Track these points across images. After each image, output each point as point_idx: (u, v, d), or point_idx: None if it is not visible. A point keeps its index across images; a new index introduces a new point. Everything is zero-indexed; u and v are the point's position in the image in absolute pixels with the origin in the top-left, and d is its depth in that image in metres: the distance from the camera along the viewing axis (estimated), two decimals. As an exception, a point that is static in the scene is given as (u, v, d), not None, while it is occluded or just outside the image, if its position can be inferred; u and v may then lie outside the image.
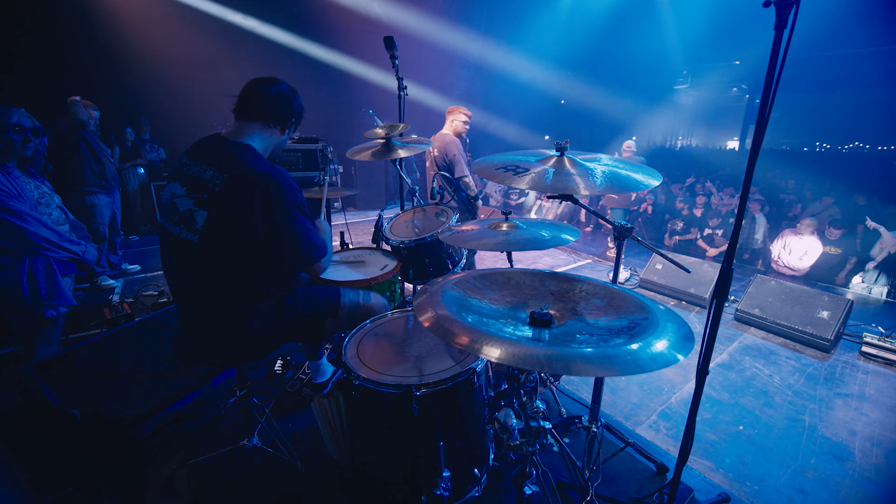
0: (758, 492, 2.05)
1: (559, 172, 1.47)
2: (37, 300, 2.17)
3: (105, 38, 6.49)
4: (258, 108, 1.56)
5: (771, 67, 1.08)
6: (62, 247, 2.22)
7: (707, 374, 1.37)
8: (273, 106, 1.57)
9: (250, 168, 1.41)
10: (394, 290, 2.28)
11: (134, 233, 6.46)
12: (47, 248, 2.15)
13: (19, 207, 2.07)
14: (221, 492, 1.88)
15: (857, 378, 3.10)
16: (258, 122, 1.57)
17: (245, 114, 1.57)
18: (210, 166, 1.43)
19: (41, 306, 2.20)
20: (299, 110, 1.68)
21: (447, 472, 1.41)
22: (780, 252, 5.48)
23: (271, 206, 1.40)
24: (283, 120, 1.62)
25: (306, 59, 8.58)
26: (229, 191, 1.38)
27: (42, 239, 2.13)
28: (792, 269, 5.37)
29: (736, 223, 1.25)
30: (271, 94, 1.57)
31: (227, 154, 1.45)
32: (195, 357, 1.63)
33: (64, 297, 2.29)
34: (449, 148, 3.60)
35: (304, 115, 1.72)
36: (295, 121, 1.68)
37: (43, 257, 2.18)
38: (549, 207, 8.33)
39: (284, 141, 1.71)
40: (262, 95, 1.56)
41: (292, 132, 1.72)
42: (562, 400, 2.55)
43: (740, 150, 13.96)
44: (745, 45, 10.99)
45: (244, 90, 1.59)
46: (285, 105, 1.60)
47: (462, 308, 1.14)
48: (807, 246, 5.28)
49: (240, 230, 1.39)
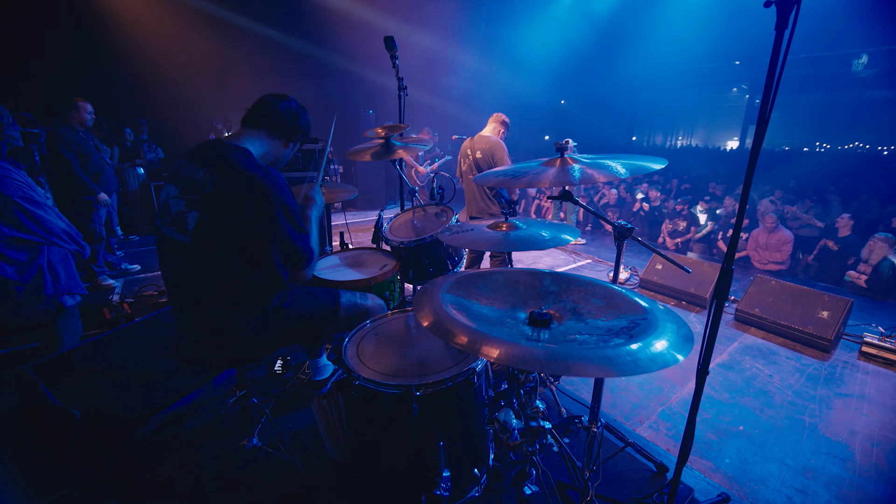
0: (758, 492, 2.05)
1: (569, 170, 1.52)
2: (58, 289, 2.26)
3: (104, 38, 6.50)
4: (263, 117, 1.59)
5: (771, 67, 1.08)
6: (75, 240, 2.33)
7: (707, 374, 1.37)
8: (279, 118, 1.60)
9: (241, 168, 1.40)
10: (393, 289, 2.28)
11: (134, 233, 6.46)
12: (65, 241, 2.26)
13: (39, 198, 2.14)
14: (221, 492, 1.88)
15: (857, 378, 3.10)
16: (262, 130, 1.59)
17: (250, 121, 1.60)
18: (202, 167, 1.44)
19: (62, 294, 2.29)
20: (305, 127, 1.70)
21: (447, 472, 1.41)
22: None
23: (259, 207, 1.38)
24: (287, 133, 1.64)
25: (306, 60, 8.58)
26: (218, 191, 1.38)
27: (62, 230, 2.23)
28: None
29: (736, 223, 1.25)
30: (280, 107, 1.61)
31: (221, 155, 1.45)
32: (194, 357, 1.63)
33: (80, 285, 2.42)
34: (496, 150, 3.56)
35: (310, 132, 1.75)
36: (300, 136, 1.70)
37: (60, 248, 2.28)
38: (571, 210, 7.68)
39: (287, 155, 1.73)
40: (270, 107, 1.60)
41: (296, 148, 1.74)
42: (562, 400, 2.55)
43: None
44: (746, 45, 11.01)
45: (255, 102, 1.63)
46: (292, 118, 1.63)
47: (462, 308, 1.14)
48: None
49: (229, 231, 1.38)
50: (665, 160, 1.54)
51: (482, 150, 3.59)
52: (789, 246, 5.49)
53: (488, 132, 3.72)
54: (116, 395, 2.09)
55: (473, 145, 3.65)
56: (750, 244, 5.80)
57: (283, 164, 1.75)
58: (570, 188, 1.73)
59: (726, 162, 10.77)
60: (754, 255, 5.75)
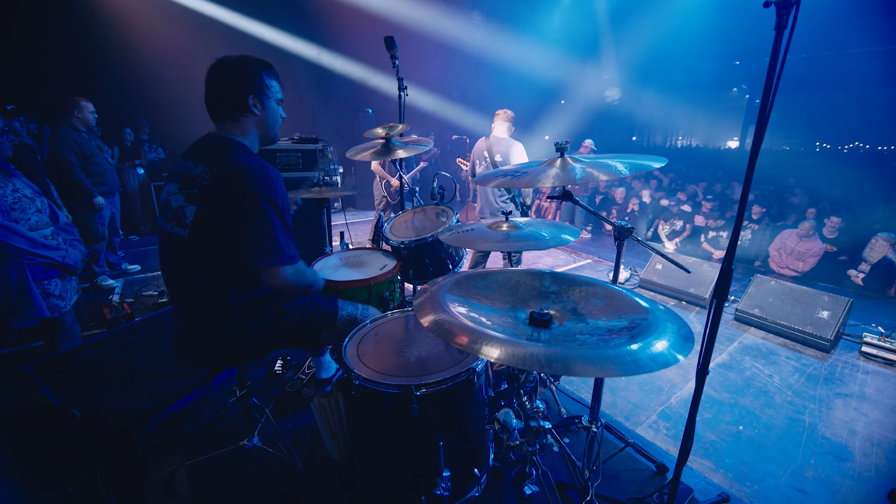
0: (758, 492, 2.05)
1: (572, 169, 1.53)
2: (8, 306, 2.09)
3: (104, 38, 6.49)
4: (214, 106, 1.50)
5: (771, 67, 1.08)
6: (35, 253, 2.12)
7: (707, 374, 1.37)
8: (225, 95, 1.48)
9: (235, 162, 1.40)
10: (393, 289, 2.28)
11: (134, 233, 6.46)
12: (18, 255, 2.07)
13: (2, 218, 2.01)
14: (221, 492, 1.88)
15: (857, 378, 3.10)
16: (226, 119, 1.51)
17: (213, 117, 1.53)
18: (200, 162, 1.45)
19: (12, 314, 2.11)
20: (260, 74, 1.50)
21: (447, 471, 1.41)
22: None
23: (246, 196, 1.36)
24: (241, 102, 1.48)
25: (307, 61, 8.58)
26: (215, 184, 1.39)
27: (8, 246, 2.03)
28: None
29: (736, 223, 1.25)
30: (218, 83, 1.49)
31: (218, 149, 1.46)
32: (194, 357, 1.63)
33: (36, 307, 2.18)
34: (517, 153, 3.50)
35: (267, 71, 1.54)
36: (263, 84, 1.51)
37: (16, 264, 2.09)
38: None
39: (270, 117, 1.58)
40: (209, 92, 1.49)
41: (274, 98, 1.57)
42: (562, 400, 2.55)
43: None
44: (746, 45, 11.00)
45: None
46: (231, 84, 1.48)
47: (462, 308, 1.14)
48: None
49: (224, 224, 1.39)
50: (665, 159, 1.54)
51: (502, 153, 3.52)
52: (815, 260, 5.10)
53: (503, 133, 3.64)
54: (116, 395, 2.09)
55: (490, 147, 3.59)
56: (776, 243, 5.42)
57: (276, 126, 1.62)
58: (570, 188, 1.73)
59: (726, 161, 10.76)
60: (774, 256, 5.41)
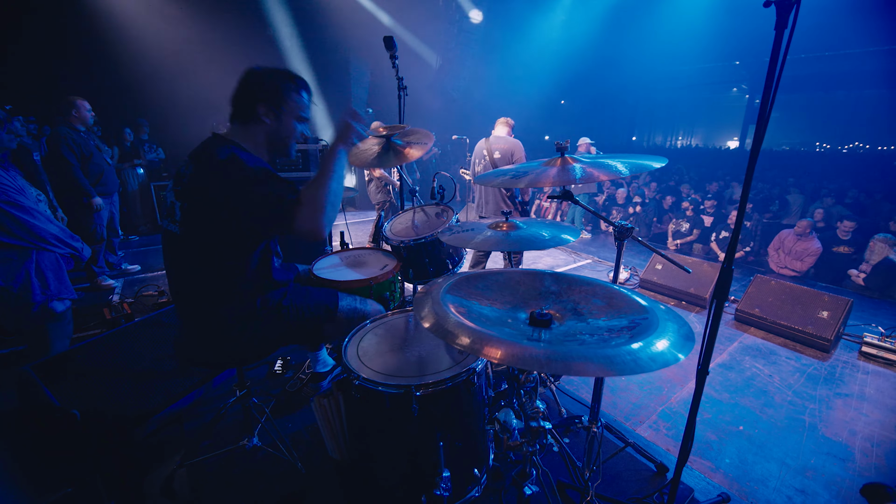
0: (758, 492, 2.05)
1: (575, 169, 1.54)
2: (47, 295, 2.23)
3: (104, 38, 6.49)
4: (231, 106, 1.52)
5: (771, 67, 1.08)
6: (66, 243, 2.28)
7: (707, 374, 1.37)
8: (239, 100, 1.50)
9: (213, 153, 1.42)
10: (394, 289, 2.28)
11: (134, 233, 6.46)
12: (55, 245, 2.21)
13: (27, 203, 2.11)
14: (221, 492, 1.88)
15: (857, 378, 3.10)
16: (236, 121, 1.53)
17: (229, 117, 1.55)
18: (191, 161, 1.47)
19: (51, 300, 2.25)
20: (279, 87, 1.49)
21: (447, 472, 1.41)
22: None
23: (231, 180, 1.35)
24: (251, 108, 1.48)
25: (307, 61, 8.58)
26: (194, 179, 1.42)
27: (50, 235, 2.19)
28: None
29: (736, 223, 1.25)
30: (238, 88, 1.49)
31: (207, 148, 1.47)
32: (195, 358, 1.64)
33: (70, 290, 2.37)
34: (515, 150, 3.56)
35: (293, 86, 1.53)
36: (280, 97, 1.50)
37: (50, 253, 2.23)
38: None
39: (283, 130, 1.54)
40: (235, 93, 1.50)
41: (295, 115, 1.55)
42: (562, 400, 2.55)
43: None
44: (745, 45, 11.02)
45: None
46: (253, 91, 1.48)
47: (462, 308, 1.14)
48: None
49: (207, 216, 1.40)
50: (665, 159, 1.54)
51: (501, 150, 3.58)
52: (813, 259, 5.16)
53: (503, 133, 3.72)
54: (116, 395, 2.09)
55: (490, 146, 3.64)
56: (774, 243, 5.48)
57: (290, 139, 1.59)
58: (570, 188, 1.73)
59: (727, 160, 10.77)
60: (773, 256, 5.46)
